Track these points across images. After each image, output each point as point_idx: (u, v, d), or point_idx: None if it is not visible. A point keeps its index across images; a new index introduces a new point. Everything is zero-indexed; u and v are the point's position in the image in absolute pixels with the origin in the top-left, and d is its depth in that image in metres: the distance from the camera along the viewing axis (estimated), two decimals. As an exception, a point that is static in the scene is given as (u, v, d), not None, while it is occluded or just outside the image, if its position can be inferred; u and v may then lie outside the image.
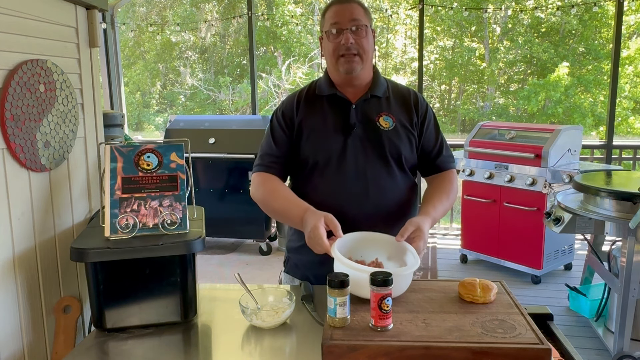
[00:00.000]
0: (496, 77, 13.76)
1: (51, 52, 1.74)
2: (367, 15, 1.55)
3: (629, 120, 11.95)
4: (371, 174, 1.53)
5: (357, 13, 1.52)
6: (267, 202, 1.56)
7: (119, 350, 1.25)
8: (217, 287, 1.66)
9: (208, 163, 4.63)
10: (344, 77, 1.56)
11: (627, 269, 2.59)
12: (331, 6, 1.56)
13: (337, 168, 1.53)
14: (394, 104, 1.61)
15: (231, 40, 14.90)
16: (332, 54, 1.55)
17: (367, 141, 1.54)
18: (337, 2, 1.55)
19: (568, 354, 1.22)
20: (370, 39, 1.55)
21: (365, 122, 1.56)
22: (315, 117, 1.58)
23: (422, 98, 1.66)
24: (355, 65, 1.53)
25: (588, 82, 12.36)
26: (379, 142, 1.54)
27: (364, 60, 1.54)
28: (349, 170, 1.53)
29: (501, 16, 13.33)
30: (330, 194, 1.53)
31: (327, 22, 1.55)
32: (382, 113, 1.58)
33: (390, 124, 1.56)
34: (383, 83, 1.63)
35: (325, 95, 1.60)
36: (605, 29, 12.58)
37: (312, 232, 1.35)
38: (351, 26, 1.50)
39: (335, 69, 1.57)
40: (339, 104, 1.59)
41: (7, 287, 1.53)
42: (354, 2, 1.54)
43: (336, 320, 1.13)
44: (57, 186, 1.77)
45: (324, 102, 1.60)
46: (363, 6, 1.56)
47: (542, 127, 4.11)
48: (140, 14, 14.73)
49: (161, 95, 15.53)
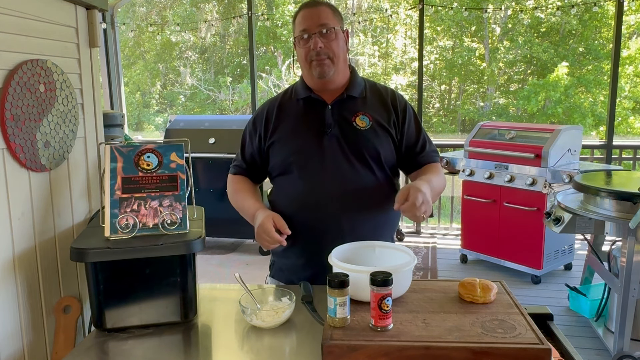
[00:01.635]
0: (496, 77, 13.76)
1: (51, 52, 1.74)
2: (337, 17, 1.55)
3: (629, 120, 11.95)
4: (350, 174, 1.53)
5: (324, 17, 1.51)
6: (232, 200, 1.70)
7: (119, 350, 1.25)
8: (217, 287, 1.66)
9: (208, 163, 4.63)
10: (318, 82, 1.57)
11: (627, 269, 2.59)
12: (300, 11, 1.56)
13: (314, 169, 1.54)
14: (370, 104, 1.60)
15: (231, 40, 14.90)
16: (304, 60, 1.55)
17: (344, 141, 1.54)
18: (305, 7, 1.55)
19: (568, 354, 1.22)
20: (340, 41, 1.55)
21: (341, 122, 1.56)
22: (291, 120, 1.60)
23: (401, 96, 1.66)
24: (326, 69, 1.53)
25: (588, 82, 12.36)
26: (356, 142, 1.54)
27: (335, 63, 1.55)
28: (327, 171, 1.53)
29: (501, 16, 13.32)
30: (310, 194, 1.54)
31: (297, 28, 1.55)
32: (359, 113, 1.57)
33: (367, 124, 1.56)
34: (360, 83, 1.63)
35: (301, 98, 1.60)
36: (605, 29, 12.58)
37: (260, 227, 1.45)
38: (319, 30, 1.50)
39: (309, 73, 1.57)
40: (315, 105, 1.59)
41: (7, 287, 1.53)
42: (322, 5, 1.54)
43: (336, 320, 1.13)
44: (57, 186, 1.77)
45: (300, 104, 1.61)
46: (332, 8, 1.56)
47: (542, 127, 4.11)
48: (140, 14, 14.72)
49: (161, 95, 15.53)
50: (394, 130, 1.59)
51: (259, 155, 1.66)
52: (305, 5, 1.56)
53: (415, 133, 1.64)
